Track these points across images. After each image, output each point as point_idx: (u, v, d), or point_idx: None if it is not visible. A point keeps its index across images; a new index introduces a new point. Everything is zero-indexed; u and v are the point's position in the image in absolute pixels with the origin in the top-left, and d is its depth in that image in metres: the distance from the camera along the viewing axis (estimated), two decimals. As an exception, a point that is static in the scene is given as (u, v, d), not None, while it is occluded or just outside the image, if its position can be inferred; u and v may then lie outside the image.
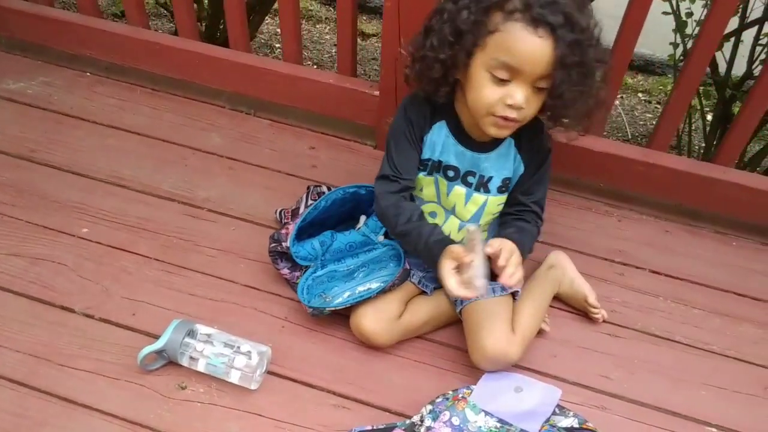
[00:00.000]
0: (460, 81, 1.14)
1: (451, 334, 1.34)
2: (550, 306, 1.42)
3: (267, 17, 2.76)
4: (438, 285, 1.35)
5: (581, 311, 1.41)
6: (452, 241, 1.16)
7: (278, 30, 2.79)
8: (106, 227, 1.49)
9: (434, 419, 1.08)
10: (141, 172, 1.61)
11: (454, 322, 1.34)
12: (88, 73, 1.85)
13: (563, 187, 1.67)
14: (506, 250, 1.11)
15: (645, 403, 1.29)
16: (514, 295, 1.28)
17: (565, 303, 1.43)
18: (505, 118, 1.09)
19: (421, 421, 1.11)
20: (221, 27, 2.13)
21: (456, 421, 1.07)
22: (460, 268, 1.11)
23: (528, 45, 1.01)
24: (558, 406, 1.17)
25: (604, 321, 1.40)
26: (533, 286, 1.36)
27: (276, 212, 1.51)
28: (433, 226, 1.20)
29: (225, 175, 1.63)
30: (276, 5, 2.64)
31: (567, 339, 1.37)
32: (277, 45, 2.74)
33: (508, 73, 1.04)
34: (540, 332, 1.36)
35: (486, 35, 1.04)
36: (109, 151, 1.65)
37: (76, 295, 1.36)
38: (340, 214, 1.41)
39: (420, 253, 1.20)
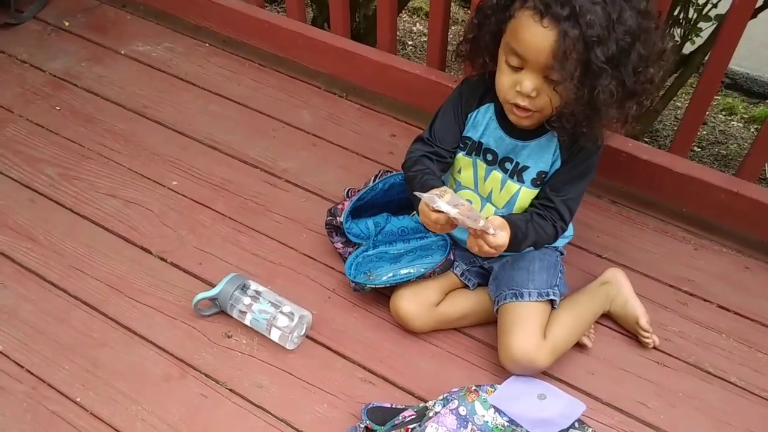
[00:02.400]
0: None
1: (488, 332, 1.34)
2: (601, 324, 1.38)
3: (403, 15, 2.82)
4: (481, 281, 1.36)
5: (633, 334, 1.36)
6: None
7: (413, 27, 2.84)
8: (193, 183, 1.63)
9: (443, 406, 1.10)
10: (233, 137, 1.74)
11: (493, 321, 1.34)
12: (207, 44, 2.01)
13: (642, 206, 1.60)
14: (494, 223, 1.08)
15: (680, 439, 1.23)
16: (552, 303, 1.27)
17: (616, 323, 1.38)
18: (517, 106, 1.10)
19: (434, 405, 1.13)
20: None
21: (463, 411, 1.08)
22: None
23: (531, 33, 1.02)
24: (578, 420, 1.15)
25: (654, 348, 1.34)
26: (578, 298, 1.33)
27: (345, 191, 1.57)
28: (436, 178, 1.19)
29: (307, 150, 1.72)
30: (412, 2, 2.71)
31: (609, 359, 1.33)
32: (410, 42, 2.77)
33: (517, 60, 1.06)
34: (581, 347, 1.33)
35: (507, 21, 1.06)
36: (210, 116, 1.80)
37: (155, 238, 1.51)
38: (401, 200, 1.45)
39: (414, 193, 1.16)
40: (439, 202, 1.04)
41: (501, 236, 1.08)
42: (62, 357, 1.29)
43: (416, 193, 1.07)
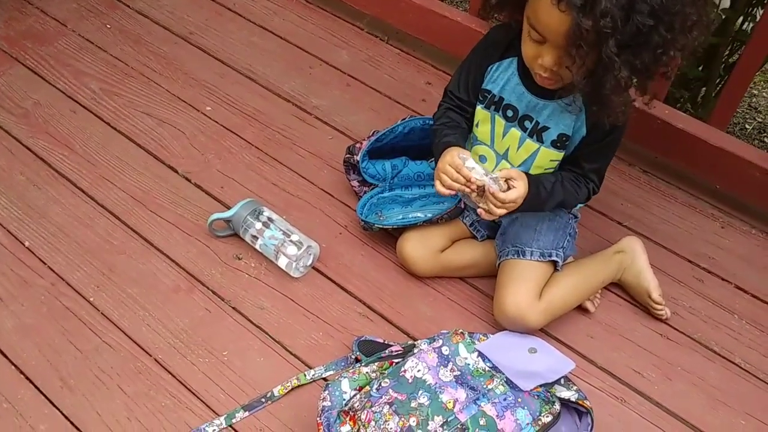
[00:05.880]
0: None
1: (492, 285, 1.33)
2: (609, 291, 1.36)
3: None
4: (490, 234, 1.35)
5: (640, 304, 1.34)
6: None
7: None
8: (225, 110, 1.66)
9: (429, 344, 1.11)
10: (270, 70, 1.76)
11: (497, 274, 1.33)
12: (259, -23, 2.02)
13: (673, 178, 1.55)
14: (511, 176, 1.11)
15: (672, 412, 1.21)
16: (555, 264, 1.25)
17: (625, 292, 1.36)
18: (540, 75, 1.09)
19: (420, 344, 1.14)
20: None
21: (446, 351, 1.09)
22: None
23: (548, 15, 0.99)
24: (565, 377, 1.14)
25: (660, 320, 1.31)
26: (586, 263, 1.31)
27: (371, 132, 1.58)
28: (455, 134, 1.21)
29: (341, 90, 1.72)
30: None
31: (612, 325, 1.31)
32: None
33: (538, 35, 1.04)
34: (584, 311, 1.32)
35: None
36: (251, 47, 1.82)
37: (182, 159, 1.55)
38: (422, 146, 1.44)
39: (434, 148, 1.23)
40: (470, 161, 1.11)
41: (518, 187, 1.10)
42: (82, 259, 1.36)
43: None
